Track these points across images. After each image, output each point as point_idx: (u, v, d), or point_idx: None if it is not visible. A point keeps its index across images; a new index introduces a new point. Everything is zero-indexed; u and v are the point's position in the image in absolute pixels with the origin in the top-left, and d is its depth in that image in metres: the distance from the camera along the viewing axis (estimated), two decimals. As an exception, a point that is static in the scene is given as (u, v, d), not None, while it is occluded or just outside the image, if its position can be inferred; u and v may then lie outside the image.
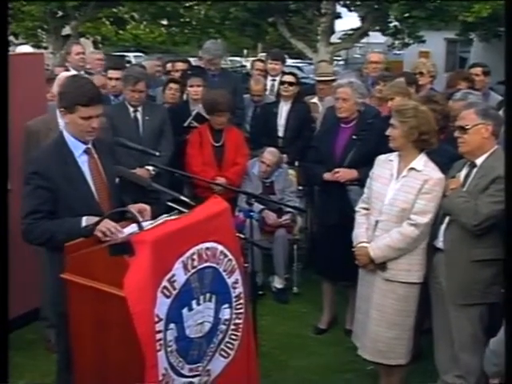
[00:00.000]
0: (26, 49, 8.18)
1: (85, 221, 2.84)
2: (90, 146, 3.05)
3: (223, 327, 2.93)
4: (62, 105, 2.97)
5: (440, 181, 3.50)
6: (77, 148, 3.01)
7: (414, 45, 17.57)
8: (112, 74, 5.59)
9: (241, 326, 3.02)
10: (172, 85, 5.83)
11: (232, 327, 2.98)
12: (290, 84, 5.70)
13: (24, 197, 2.93)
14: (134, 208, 2.94)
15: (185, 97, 5.80)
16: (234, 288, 2.96)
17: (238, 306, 3.00)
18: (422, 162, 3.54)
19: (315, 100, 6.05)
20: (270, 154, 5.32)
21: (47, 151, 3.03)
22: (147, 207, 3.01)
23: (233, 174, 5.25)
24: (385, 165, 3.68)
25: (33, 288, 4.20)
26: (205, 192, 4.73)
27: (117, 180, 3.22)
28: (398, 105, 3.73)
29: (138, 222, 2.76)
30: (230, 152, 5.29)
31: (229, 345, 2.98)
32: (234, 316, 2.98)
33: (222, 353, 2.96)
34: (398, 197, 3.52)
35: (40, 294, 4.15)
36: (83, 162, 3.03)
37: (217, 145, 5.27)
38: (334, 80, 5.51)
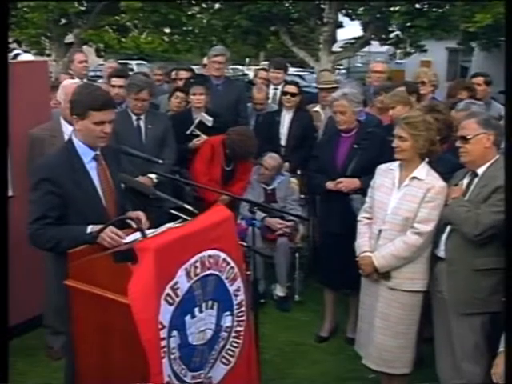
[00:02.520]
0: (28, 57, 8.20)
1: (90, 228, 2.85)
2: (98, 152, 3.06)
3: (224, 334, 2.94)
4: (75, 112, 2.97)
5: (443, 189, 3.51)
6: (86, 154, 3.02)
7: (416, 54, 17.65)
8: (115, 81, 5.59)
9: (242, 333, 3.03)
10: (178, 93, 5.83)
11: (233, 334, 2.98)
12: (292, 95, 5.70)
13: (32, 202, 2.93)
14: (131, 215, 2.96)
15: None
16: (236, 296, 2.97)
17: (240, 314, 3.00)
18: (424, 170, 3.55)
19: (317, 108, 6.06)
20: (270, 158, 5.35)
21: (56, 158, 3.02)
22: (143, 216, 3.00)
23: (238, 188, 5.33)
24: (386, 174, 3.69)
25: (35, 295, 4.20)
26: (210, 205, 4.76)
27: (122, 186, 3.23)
28: (407, 116, 3.66)
29: (141, 230, 2.77)
30: (239, 174, 5.39)
31: (230, 352, 2.98)
32: (235, 323, 2.98)
33: (223, 360, 2.96)
34: (401, 206, 3.53)
35: (43, 300, 4.15)
36: (92, 168, 3.04)
37: (227, 169, 5.33)
38: (336, 88, 5.52)
